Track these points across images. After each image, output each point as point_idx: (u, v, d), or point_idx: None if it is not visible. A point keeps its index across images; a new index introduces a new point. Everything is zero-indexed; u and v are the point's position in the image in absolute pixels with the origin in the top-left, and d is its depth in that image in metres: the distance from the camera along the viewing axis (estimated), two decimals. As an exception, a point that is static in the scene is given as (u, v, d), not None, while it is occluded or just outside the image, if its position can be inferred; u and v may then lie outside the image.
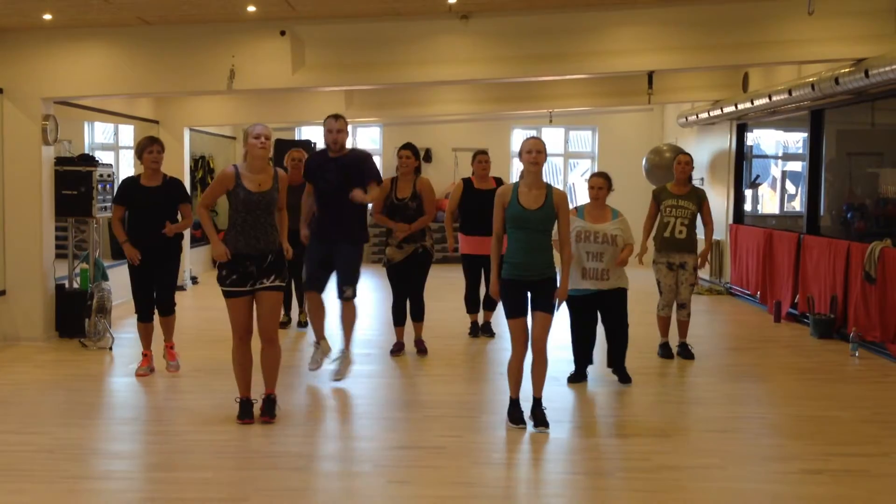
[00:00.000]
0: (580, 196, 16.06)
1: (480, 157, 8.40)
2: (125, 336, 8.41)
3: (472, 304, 8.48)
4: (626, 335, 6.78)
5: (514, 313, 5.50)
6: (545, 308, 5.52)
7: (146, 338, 6.96)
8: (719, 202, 12.21)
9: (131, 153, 12.71)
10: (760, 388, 6.85)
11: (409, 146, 7.58)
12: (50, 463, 4.87)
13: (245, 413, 5.58)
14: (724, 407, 6.25)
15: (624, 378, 6.72)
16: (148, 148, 6.73)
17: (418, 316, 7.72)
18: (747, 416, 6.03)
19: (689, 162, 7.70)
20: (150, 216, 6.71)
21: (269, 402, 5.67)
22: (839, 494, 4.51)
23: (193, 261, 12.12)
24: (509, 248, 5.58)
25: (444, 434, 5.42)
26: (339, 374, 6.77)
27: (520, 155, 5.62)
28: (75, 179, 8.21)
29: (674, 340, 7.74)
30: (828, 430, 5.63)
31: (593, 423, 5.86)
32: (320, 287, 6.79)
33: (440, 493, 4.47)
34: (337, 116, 6.64)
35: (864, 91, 8.01)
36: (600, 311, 6.75)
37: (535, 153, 5.49)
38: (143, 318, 6.93)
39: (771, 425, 5.83)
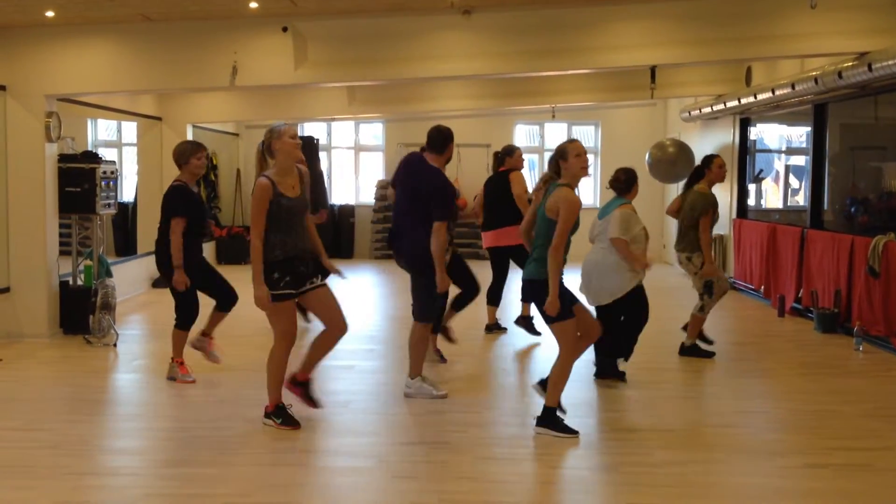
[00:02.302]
0: (583, 193, 16.06)
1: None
2: (129, 332, 8.45)
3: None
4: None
5: (571, 313, 5.21)
6: None
7: (183, 344, 6.66)
8: (723, 197, 12.15)
9: (134, 150, 12.78)
10: (764, 382, 6.85)
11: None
12: (54, 459, 4.89)
13: (293, 418, 5.42)
14: (727, 401, 6.25)
15: (621, 375, 6.72)
16: (197, 153, 6.51)
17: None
18: (750, 410, 6.04)
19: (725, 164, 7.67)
20: (197, 224, 6.55)
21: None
22: (842, 489, 4.51)
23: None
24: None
25: (448, 429, 5.43)
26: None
27: (563, 157, 5.19)
28: (78, 176, 8.22)
29: (676, 337, 7.75)
30: (831, 424, 5.63)
31: (596, 419, 5.87)
32: None
33: (445, 489, 4.48)
34: None
35: (867, 85, 8.00)
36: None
37: (584, 156, 5.20)
38: (188, 327, 6.65)
39: (774, 420, 5.84)
